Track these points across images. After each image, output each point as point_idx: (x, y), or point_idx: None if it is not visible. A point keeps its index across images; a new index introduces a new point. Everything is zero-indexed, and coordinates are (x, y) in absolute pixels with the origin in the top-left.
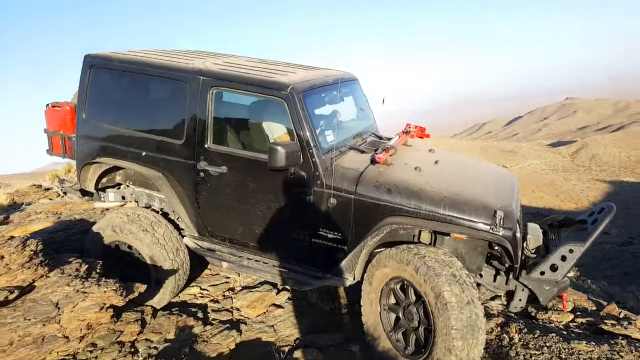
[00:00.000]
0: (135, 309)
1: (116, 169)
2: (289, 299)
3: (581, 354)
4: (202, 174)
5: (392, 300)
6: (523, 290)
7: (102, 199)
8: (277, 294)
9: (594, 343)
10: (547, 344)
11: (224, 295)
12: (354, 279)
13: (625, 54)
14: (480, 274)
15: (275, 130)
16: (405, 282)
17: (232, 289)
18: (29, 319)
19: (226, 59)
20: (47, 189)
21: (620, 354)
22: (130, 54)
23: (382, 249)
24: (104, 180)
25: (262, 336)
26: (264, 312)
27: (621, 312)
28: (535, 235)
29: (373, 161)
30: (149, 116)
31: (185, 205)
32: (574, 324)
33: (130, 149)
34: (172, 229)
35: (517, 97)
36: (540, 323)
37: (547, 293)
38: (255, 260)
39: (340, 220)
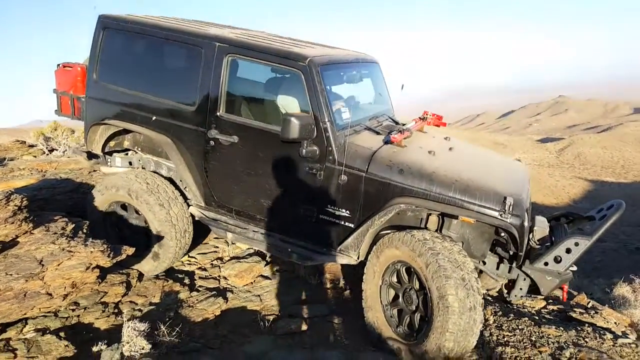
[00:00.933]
0: (121, 271)
1: (124, 133)
2: (276, 271)
3: (550, 338)
4: (212, 143)
5: (395, 279)
6: (525, 279)
7: (109, 163)
8: (265, 265)
9: (562, 328)
10: (520, 327)
11: (212, 264)
12: (358, 258)
13: (626, 57)
14: (484, 261)
15: (289, 105)
16: (413, 269)
17: (221, 259)
18: (11, 274)
19: (244, 31)
20: (31, 146)
21: (586, 339)
22: (147, 17)
23: (390, 232)
24: (112, 144)
25: (248, 305)
26: (251, 282)
27: (589, 302)
28: (541, 227)
29: (387, 141)
30: (161, 80)
31: (194, 173)
32: (546, 310)
33: (140, 112)
34: (186, 209)
35: (512, 91)
36: (515, 308)
37: (548, 284)
38: (261, 233)
39: (350, 198)
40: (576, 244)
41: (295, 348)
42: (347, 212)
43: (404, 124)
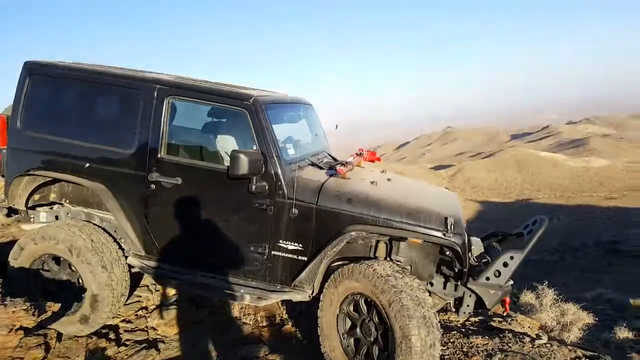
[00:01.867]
0: (37, 332)
1: (50, 185)
2: (208, 314)
3: (479, 347)
4: (153, 186)
5: (353, 309)
6: (470, 296)
7: (32, 218)
8: (196, 309)
9: (487, 337)
10: (451, 340)
11: (136, 315)
12: (313, 292)
13: (504, 87)
14: (431, 282)
15: (228, 145)
16: (374, 303)
17: (146, 308)
18: None
19: (180, 76)
20: None
21: (509, 344)
22: (77, 63)
23: (341, 263)
24: (36, 197)
25: (185, 353)
26: (183, 330)
27: (505, 311)
28: (477, 246)
29: (333, 174)
30: (95, 126)
31: (132, 221)
32: (469, 322)
33: (71, 160)
34: (126, 272)
35: (406, 122)
36: (442, 323)
37: (492, 297)
38: (210, 277)
39: (302, 231)
40: (511, 258)
41: None
42: (300, 245)
43: (342, 161)
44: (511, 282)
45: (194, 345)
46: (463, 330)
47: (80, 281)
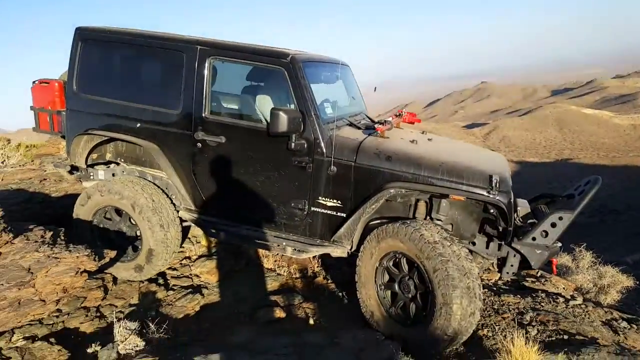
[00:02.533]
0: (95, 276)
1: (106, 145)
2: (246, 265)
3: (511, 305)
4: (199, 145)
5: (393, 265)
6: (515, 256)
7: (91, 176)
8: (234, 260)
9: (519, 296)
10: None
11: (181, 264)
12: (351, 248)
13: (538, 41)
14: (473, 241)
15: (266, 105)
16: (417, 266)
17: (189, 258)
18: (2, 284)
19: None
20: None
21: (542, 304)
22: (124, 28)
23: (380, 222)
24: (94, 156)
25: (225, 298)
26: (224, 278)
27: (538, 271)
28: (523, 207)
29: (372, 131)
30: (144, 87)
31: (182, 177)
32: (501, 281)
33: (124, 120)
34: (180, 232)
35: (437, 79)
36: None
37: (538, 257)
38: (254, 230)
39: (340, 188)
40: (560, 218)
41: (279, 334)
42: (339, 202)
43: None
44: (559, 243)
45: (234, 292)
46: (495, 288)
47: (139, 234)
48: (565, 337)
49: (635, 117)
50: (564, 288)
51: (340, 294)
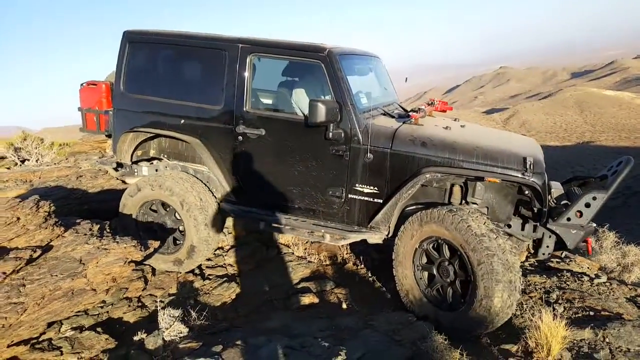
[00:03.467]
0: (135, 267)
1: (150, 142)
2: (277, 253)
3: (537, 285)
4: (240, 138)
5: (433, 248)
6: (550, 237)
7: (136, 172)
8: (266, 249)
9: (545, 276)
10: None
11: (214, 254)
12: (389, 233)
13: (557, 24)
14: (509, 224)
15: (306, 98)
16: (460, 254)
17: (222, 248)
18: (56, 275)
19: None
20: (1, 158)
21: (567, 283)
22: (167, 30)
23: (416, 208)
24: (138, 153)
25: (259, 286)
26: (256, 267)
27: (563, 252)
28: (557, 188)
29: (406, 119)
30: (187, 85)
31: (223, 170)
32: (528, 262)
33: (168, 117)
34: (221, 230)
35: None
36: None
37: (574, 237)
38: (293, 219)
39: (377, 175)
40: (594, 198)
41: (313, 318)
42: (375, 188)
43: (414, 109)
44: (593, 224)
45: (267, 279)
46: (521, 269)
47: (182, 229)
48: (591, 313)
49: None
50: (588, 268)
51: (371, 279)
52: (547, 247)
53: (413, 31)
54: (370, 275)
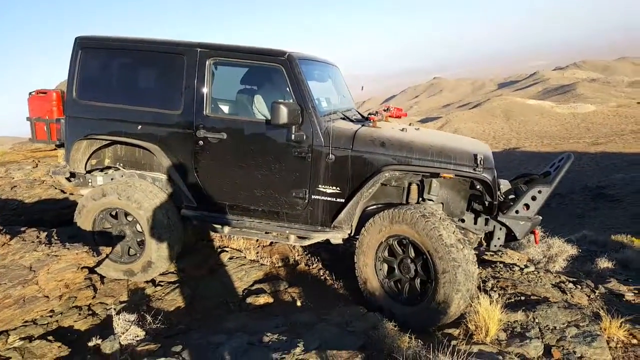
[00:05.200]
0: (87, 275)
1: (105, 150)
2: (229, 258)
3: None
4: (201, 142)
5: (398, 244)
6: (501, 229)
7: (90, 182)
8: (219, 254)
9: (481, 267)
10: None
11: None
12: (351, 232)
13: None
14: (462, 218)
15: (266, 101)
16: (425, 257)
17: None
18: (5, 283)
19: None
20: None
21: (500, 273)
22: (123, 36)
23: (376, 208)
24: (93, 162)
25: (213, 290)
26: (209, 272)
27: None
28: (505, 186)
29: (365, 123)
30: (144, 90)
31: (183, 175)
32: None
33: (124, 124)
34: (180, 247)
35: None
36: None
37: (522, 228)
38: (257, 222)
39: (339, 175)
40: (539, 192)
41: (269, 317)
42: (337, 188)
43: (372, 113)
44: (539, 217)
45: (221, 283)
46: None
47: (139, 240)
48: (522, 298)
49: (574, 105)
50: (518, 259)
51: (323, 277)
52: (499, 239)
53: (347, 42)
54: (321, 274)
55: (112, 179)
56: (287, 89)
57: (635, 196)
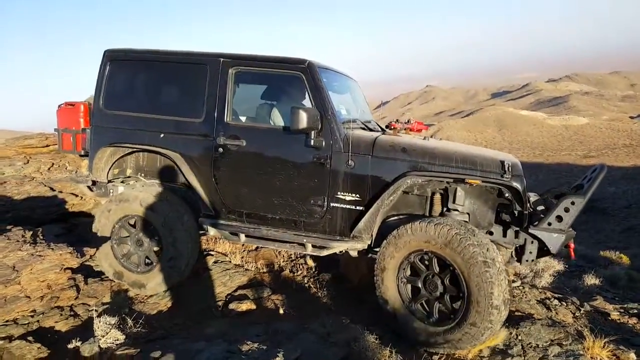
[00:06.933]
0: (70, 276)
1: (127, 158)
2: (214, 262)
3: None
4: (220, 150)
5: (420, 261)
6: (532, 242)
7: (111, 192)
8: (203, 257)
9: None
10: None
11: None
12: (371, 243)
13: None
14: (490, 231)
15: (286, 109)
16: (457, 275)
17: None
18: None
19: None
20: None
21: None
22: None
23: (398, 218)
24: (115, 171)
25: (196, 295)
26: (193, 275)
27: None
28: (533, 196)
29: (385, 131)
30: (168, 100)
31: (202, 183)
32: None
33: (147, 132)
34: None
35: (383, 82)
36: None
37: (556, 241)
38: (274, 230)
39: (358, 182)
40: (573, 203)
41: (251, 324)
42: (357, 195)
43: (393, 121)
44: (573, 231)
45: (204, 288)
46: None
47: (157, 249)
48: None
49: (567, 118)
50: None
51: (307, 285)
52: (530, 253)
53: (340, 48)
54: (306, 282)
55: (133, 189)
56: (307, 95)
57: (626, 210)
